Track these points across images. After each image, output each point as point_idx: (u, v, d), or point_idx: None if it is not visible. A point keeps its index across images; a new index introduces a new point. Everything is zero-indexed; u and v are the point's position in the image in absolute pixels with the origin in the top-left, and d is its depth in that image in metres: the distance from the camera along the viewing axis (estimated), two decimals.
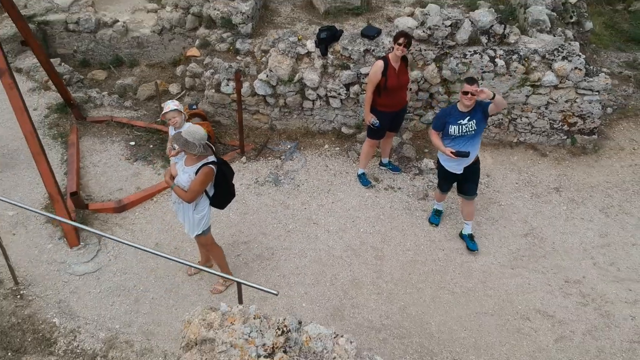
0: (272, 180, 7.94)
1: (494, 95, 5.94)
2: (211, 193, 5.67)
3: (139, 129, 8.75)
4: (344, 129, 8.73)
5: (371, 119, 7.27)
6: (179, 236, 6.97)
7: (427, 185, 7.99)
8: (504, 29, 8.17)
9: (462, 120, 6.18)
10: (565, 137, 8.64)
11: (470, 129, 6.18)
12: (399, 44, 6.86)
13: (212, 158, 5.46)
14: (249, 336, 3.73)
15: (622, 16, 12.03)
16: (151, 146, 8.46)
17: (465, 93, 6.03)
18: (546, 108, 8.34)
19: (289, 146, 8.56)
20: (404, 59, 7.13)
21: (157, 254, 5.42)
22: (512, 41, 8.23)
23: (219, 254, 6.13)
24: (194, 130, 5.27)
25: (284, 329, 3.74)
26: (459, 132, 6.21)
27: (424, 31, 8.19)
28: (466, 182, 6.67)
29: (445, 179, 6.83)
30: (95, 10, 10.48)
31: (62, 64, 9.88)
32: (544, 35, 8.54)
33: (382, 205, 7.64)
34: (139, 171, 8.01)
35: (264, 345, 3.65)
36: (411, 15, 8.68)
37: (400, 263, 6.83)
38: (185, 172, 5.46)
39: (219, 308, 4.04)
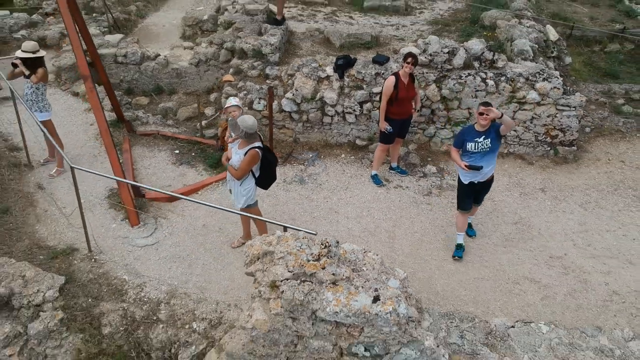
0: (297, 180, 9.28)
1: (502, 114, 7.03)
2: (257, 174, 7.00)
3: (182, 140, 10.16)
4: (358, 141, 10.14)
5: (385, 126, 8.69)
6: (222, 220, 8.24)
7: (430, 185, 9.33)
8: (493, 55, 9.73)
9: (478, 139, 7.21)
10: (549, 148, 10.04)
11: (485, 146, 7.20)
12: (407, 62, 8.37)
13: (258, 144, 6.83)
14: (300, 248, 4.99)
15: (598, 56, 13.68)
16: (193, 154, 9.85)
17: (481, 114, 7.07)
18: (531, 122, 9.78)
19: (310, 155, 9.95)
20: (411, 76, 8.63)
21: (230, 211, 6.70)
22: (500, 66, 9.77)
23: (263, 225, 7.40)
24: (245, 119, 6.67)
25: (326, 244, 5.00)
26: (475, 149, 7.23)
27: (425, 57, 9.75)
28: (480, 195, 7.77)
29: (466, 195, 7.61)
30: (140, 46, 12.11)
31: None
32: (527, 62, 10.10)
33: (393, 199, 8.95)
34: (184, 172, 9.36)
35: (312, 253, 4.91)
36: (415, 44, 10.24)
37: (410, 242, 8.08)
38: (237, 154, 6.82)
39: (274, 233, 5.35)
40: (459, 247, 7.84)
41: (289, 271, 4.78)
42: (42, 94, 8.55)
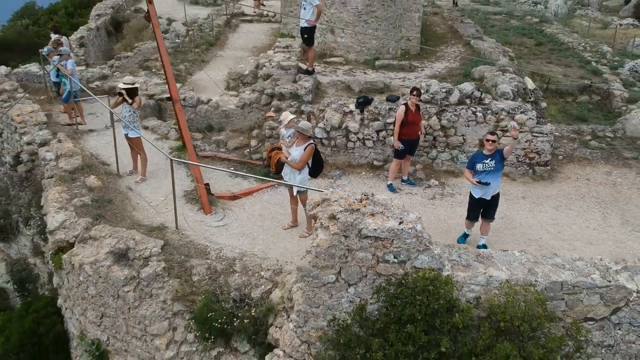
0: (329, 188, 11.74)
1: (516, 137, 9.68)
2: (311, 165, 9.52)
3: (234, 162, 12.71)
4: (375, 162, 12.70)
5: (398, 144, 11.25)
6: (274, 211, 10.66)
7: (434, 193, 11.79)
8: (481, 94, 12.47)
9: (485, 160, 9.49)
10: (528, 167, 12.57)
11: (491, 166, 9.49)
12: (413, 94, 11.06)
13: (311, 141, 9.39)
14: (348, 195, 7.44)
15: (571, 105, 16.50)
16: (244, 171, 12.36)
17: (488, 140, 9.49)
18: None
19: (337, 172, 12.47)
20: (417, 106, 11.29)
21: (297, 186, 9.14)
22: (487, 102, 12.49)
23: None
24: (305, 123, 9.30)
25: (365, 194, 7.46)
26: (482, 168, 9.52)
27: (428, 95, 12.48)
28: (489, 209, 9.91)
29: (473, 209, 9.84)
30: (195, 92, 14.91)
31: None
32: (508, 101, 12.82)
33: (405, 201, 11.34)
34: (239, 183, 11.85)
35: (356, 199, 7.35)
36: (420, 86, 12.98)
37: None
38: (297, 150, 9.35)
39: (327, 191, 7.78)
40: (465, 236, 10.18)
41: (342, 207, 7.20)
42: (136, 117, 11.20)
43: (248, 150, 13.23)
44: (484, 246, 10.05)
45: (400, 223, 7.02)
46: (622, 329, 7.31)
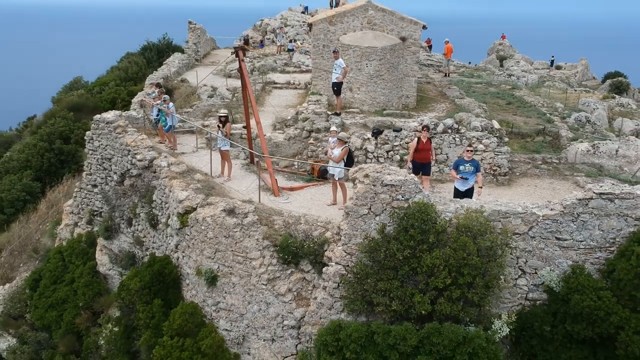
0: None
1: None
2: (346, 160, 14.96)
3: (286, 173, 18.14)
4: None
5: (409, 165, 16.46)
6: (318, 197, 15.97)
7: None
8: (458, 126, 18.09)
9: (465, 164, 14.88)
10: (492, 177, 17.99)
11: (469, 169, 14.83)
12: (424, 130, 16.44)
13: (346, 145, 14.90)
14: (377, 169, 12.88)
15: (529, 143, 22.05)
16: (295, 176, 17.77)
17: (467, 151, 14.96)
18: (481, 161, 17.82)
19: None
20: (429, 139, 16.74)
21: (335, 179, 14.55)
22: (462, 131, 18.09)
23: (345, 190, 15.14)
24: (343, 134, 14.85)
25: (383, 165, 12.94)
26: (464, 169, 14.91)
27: (421, 126, 18.10)
28: (467, 197, 15.42)
29: (457, 197, 15.34)
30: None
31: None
32: (477, 132, 18.43)
33: None
34: (292, 183, 17.24)
35: (378, 166, 12.83)
36: (417, 121, 18.64)
37: None
38: (337, 150, 14.84)
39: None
40: None
41: (372, 170, 12.60)
42: (225, 137, 16.71)
43: (297, 165, 18.72)
44: None
45: (405, 177, 12.40)
46: (535, 239, 12.50)
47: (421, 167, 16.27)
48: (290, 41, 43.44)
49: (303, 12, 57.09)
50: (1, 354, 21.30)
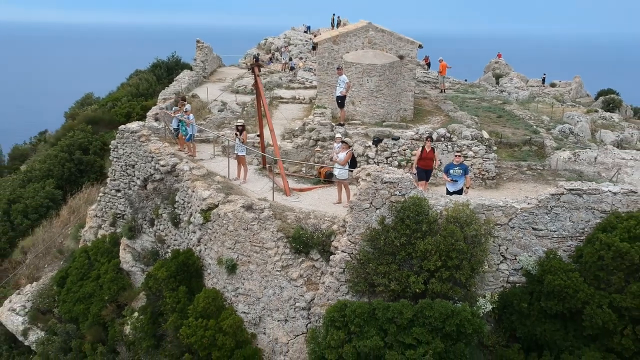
0: None
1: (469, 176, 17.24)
2: (350, 162, 16.95)
3: (296, 176, 20.12)
4: None
5: (414, 171, 18.41)
6: (325, 197, 17.91)
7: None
8: (450, 135, 20.11)
9: (455, 168, 16.99)
10: (481, 181, 19.95)
11: (458, 172, 16.88)
12: (428, 139, 18.42)
13: (351, 149, 16.90)
14: (379, 169, 14.92)
15: (517, 152, 24.06)
16: (303, 180, 19.73)
17: (456, 156, 17.06)
18: (471, 166, 19.80)
19: None
20: (432, 148, 18.67)
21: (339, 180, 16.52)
22: (454, 140, 20.10)
23: (349, 190, 17.10)
24: (348, 139, 16.81)
25: (382, 165, 14.96)
26: (454, 172, 17.03)
27: (417, 135, 20.10)
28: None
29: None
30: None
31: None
32: (467, 140, 20.43)
33: None
34: (301, 185, 19.19)
35: (378, 167, 14.87)
36: (414, 130, 20.65)
37: None
38: (342, 154, 16.84)
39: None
40: None
41: (372, 170, 14.59)
42: (242, 144, 18.71)
43: (305, 170, 20.70)
44: None
45: (401, 175, 14.38)
46: (514, 230, 14.44)
47: (425, 173, 18.16)
48: (290, 59, 45.59)
49: (305, 32, 59.52)
50: (30, 346, 23.10)
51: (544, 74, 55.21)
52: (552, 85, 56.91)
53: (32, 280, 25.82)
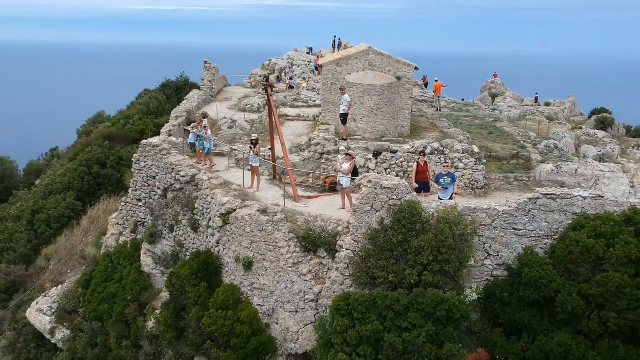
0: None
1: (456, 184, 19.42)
2: (352, 172, 19.10)
3: (303, 185, 22.25)
4: None
5: (415, 185, 20.51)
6: (330, 204, 20.02)
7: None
8: (443, 149, 22.28)
9: (445, 177, 19.20)
10: (471, 190, 22.07)
11: (447, 181, 19.06)
12: (421, 155, 20.59)
13: (354, 160, 19.05)
14: (377, 176, 17.09)
15: (505, 165, 26.21)
16: (311, 189, 21.85)
17: (444, 166, 19.25)
18: (461, 177, 21.93)
19: None
20: (425, 162, 20.84)
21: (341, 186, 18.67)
22: (446, 153, 22.27)
23: (351, 197, 19.23)
24: (350, 151, 18.98)
25: (381, 173, 17.16)
26: (443, 181, 19.18)
27: (413, 149, 22.28)
28: None
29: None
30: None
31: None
32: (459, 153, 22.60)
33: None
34: (309, 192, 21.32)
35: (378, 175, 17.06)
36: (410, 145, 22.84)
37: None
38: (346, 164, 18.98)
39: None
40: None
41: (373, 177, 16.75)
42: (255, 155, 20.86)
43: (312, 180, 22.85)
44: None
45: (398, 182, 16.51)
46: (497, 229, 16.54)
47: (423, 185, 20.21)
48: (290, 78, 47.87)
49: (308, 53, 62.04)
50: (57, 344, 25.02)
51: (537, 94, 57.55)
52: (547, 104, 59.15)
53: (56, 284, 27.81)
